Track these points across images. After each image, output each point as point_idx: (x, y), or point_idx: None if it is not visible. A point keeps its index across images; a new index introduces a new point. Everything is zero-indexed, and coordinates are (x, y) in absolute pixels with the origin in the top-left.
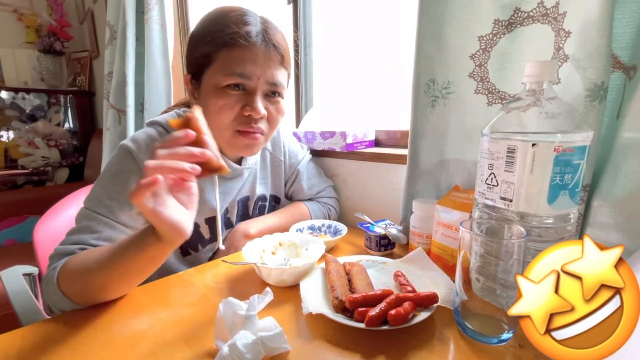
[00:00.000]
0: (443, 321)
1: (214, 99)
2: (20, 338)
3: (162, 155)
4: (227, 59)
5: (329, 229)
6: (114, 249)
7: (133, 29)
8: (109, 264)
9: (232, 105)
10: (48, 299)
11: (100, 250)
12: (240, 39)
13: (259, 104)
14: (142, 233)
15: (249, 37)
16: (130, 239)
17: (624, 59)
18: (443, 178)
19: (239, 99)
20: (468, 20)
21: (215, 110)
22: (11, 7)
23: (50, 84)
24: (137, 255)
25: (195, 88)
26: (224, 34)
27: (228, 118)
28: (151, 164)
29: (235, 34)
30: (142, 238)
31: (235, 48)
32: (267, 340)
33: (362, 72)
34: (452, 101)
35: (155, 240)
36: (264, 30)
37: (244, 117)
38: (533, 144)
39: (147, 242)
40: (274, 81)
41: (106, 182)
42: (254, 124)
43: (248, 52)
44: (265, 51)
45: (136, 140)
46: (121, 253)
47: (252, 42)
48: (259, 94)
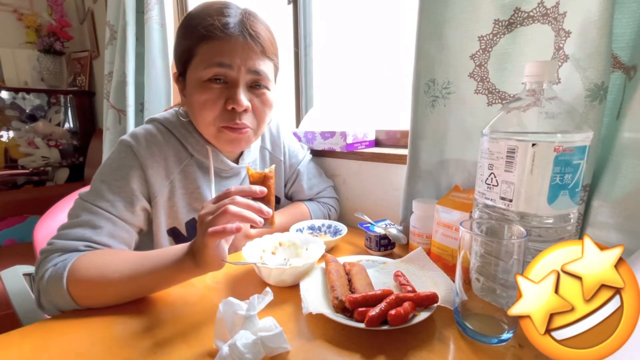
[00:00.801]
0: (443, 321)
1: (197, 94)
2: (20, 338)
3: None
4: (206, 52)
5: (329, 229)
6: (141, 262)
7: (133, 29)
8: (134, 276)
9: (215, 100)
10: (46, 296)
11: (120, 258)
12: (217, 30)
13: (241, 96)
14: (181, 257)
15: (225, 28)
16: (163, 258)
17: (624, 59)
18: (443, 178)
19: (222, 93)
20: (468, 20)
21: (199, 106)
22: (11, 7)
23: (50, 84)
24: (169, 276)
25: (183, 85)
26: (201, 26)
27: (212, 114)
28: (233, 210)
29: (211, 26)
30: (181, 261)
31: (214, 40)
32: (267, 340)
33: (362, 72)
34: (452, 101)
35: (194, 267)
36: (241, 21)
37: (227, 112)
38: (533, 144)
39: (183, 267)
40: (256, 69)
41: (107, 176)
42: (238, 119)
43: (226, 43)
44: (244, 42)
45: (136, 136)
46: (151, 269)
47: (229, 34)
48: (241, 86)
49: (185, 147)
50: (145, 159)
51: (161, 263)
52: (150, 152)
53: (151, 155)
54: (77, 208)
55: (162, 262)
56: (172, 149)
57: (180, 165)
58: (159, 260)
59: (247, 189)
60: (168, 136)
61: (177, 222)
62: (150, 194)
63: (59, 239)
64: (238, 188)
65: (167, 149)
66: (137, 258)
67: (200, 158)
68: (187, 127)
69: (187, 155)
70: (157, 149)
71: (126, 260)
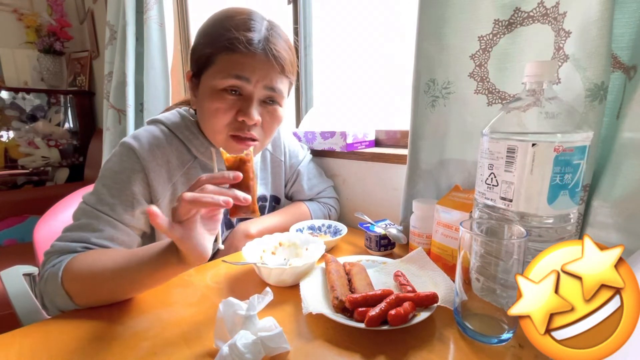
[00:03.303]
0: (443, 321)
1: (210, 101)
2: (20, 338)
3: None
4: (226, 62)
5: (329, 229)
6: (128, 258)
7: (133, 28)
8: (122, 273)
9: (227, 110)
10: (47, 297)
11: (111, 256)
12: (240, 45)
13: (253, 110)
14: (163, 251)
15: (249, 44)
16: (148, 254)
17: (624, 59)
18: (443, 178)
19: (234, 104)
20: (468, 20)
21: (210, 112)
22: (11, 7)
23: (51, 84)
24: (154, 270)
25: (196, 86)
26: (224, 38)
27: (222, 122)
28: (188, 196)
29: (236, 40)
30: (163, 256)
31: (236, 53)
32: (267, 340)
33: (363, 72)
34: (452, 101)
35: (176, 261)
36: (266, 38)
37: (237, 122)
38: (533, 144)
39: (167, 261)
40: (272, 86)
41: (108, 179)
42: (247, 130)
43: (248, 58)
44: (265, 60)
45: (138, 138)
46: (137, 265)
47: (252, 50)
48: (254, 100)
49: (188, 149)
50: (148, 161)
51: (147, 258)
52: (152, 155)
53: (154, 158)
54: (79, 211)
55: (147, 258)
56: (175, 151)
57: (183, 167)
58: (144, 256)
59: (219, 175)
60: (171, 138)
61: None
62: (153, 196)
63: (60, 241)
64: (209, 175)
65: (170, 152)
66: (125, 254)
67: (204, 160)
68: (192, 129)
69: (191, 157)
70: (160, 151)
71: (115, 257)
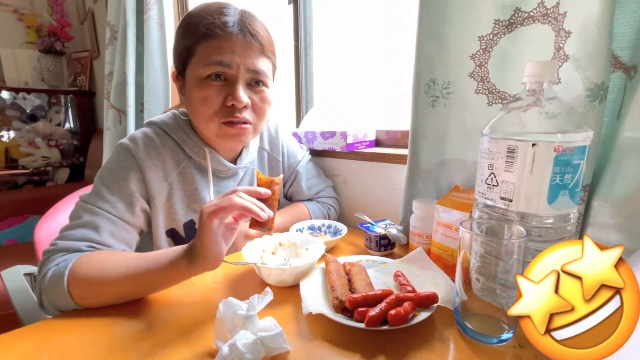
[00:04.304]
0: (443, 321)
1: (197, 92)
2: (20, 338)
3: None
4: (206, 50)
5: (329, 229)
6: (137, 262)
7: (133, 29)
8: (131, 276)
9: (214, 97)
10: (47, 295)
11: (118, 258)
12: (217, 29)
13: (241, 93)
14: (174, 255)
15: (225, 26)
16: (159, 258)
17: (624, 59)
18: (443, 178)
19: (221, 90)
20: (468, 20)
21: (198, 102)
22: (11, 7)
23: (51, 84)
24: (164, 275)
25: (182, 84)
26: (201, 25)
27: (211, 110)
28: (237, 199)
29: (211, 25)
30: (174, 260)
31: (213, 39)
32: (267, 340)
33: (363, 72)
34: (452, 101)
35: (187, 265)
36: (241, 19)
37: (227, 108)
38: (533, 144)
39: (178, 266)
40: (255, 68)
41: (106, 178)
42: (239, 113)
43: (225, 41)
44: (243, 40)
45: (134, 139)
46: (147, 269)
47: (228, 32)
48: (240, 83)
49: (183, 149)
50: (143, 161)
51: (157, 263)
52: (148, 155)
53: (149, 158)
54: (79, 209)
55: (157, 262)
56: (170, 151)
57: (178, 167)
58: (155, 260)
59: (253, 189)
60: (165, 139)
61: (175, 224)
62: (149, 195)
63: (62, 239)
64: (245, 188)
65: (165, 152)
66: (134, 258)
67: (198, 159)
68: (185, 130)
69: (185, 157)
70: (155, 151)
71: (124, 260)
